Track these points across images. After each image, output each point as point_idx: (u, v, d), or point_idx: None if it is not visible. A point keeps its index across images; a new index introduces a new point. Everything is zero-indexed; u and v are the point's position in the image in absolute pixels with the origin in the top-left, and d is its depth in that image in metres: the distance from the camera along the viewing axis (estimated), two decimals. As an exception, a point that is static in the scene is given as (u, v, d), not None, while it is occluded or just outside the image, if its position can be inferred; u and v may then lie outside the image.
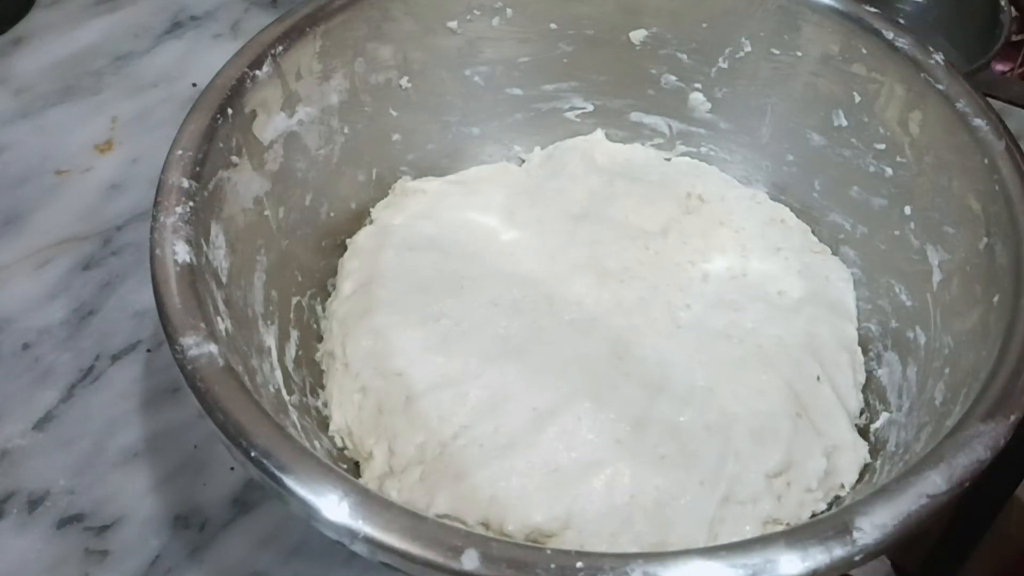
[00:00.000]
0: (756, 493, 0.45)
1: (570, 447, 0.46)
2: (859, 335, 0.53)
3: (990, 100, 0.49)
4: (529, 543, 0.41)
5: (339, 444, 0.49)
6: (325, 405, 0.50)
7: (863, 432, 0.49)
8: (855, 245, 0.55)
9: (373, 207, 0.58)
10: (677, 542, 0.43)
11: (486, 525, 0.44)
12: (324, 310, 0.54)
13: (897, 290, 0.51)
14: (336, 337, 0.52)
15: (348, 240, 0.56)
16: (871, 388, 0.52)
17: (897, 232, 0.51)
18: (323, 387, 0.51)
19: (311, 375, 0.51)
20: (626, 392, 0.48)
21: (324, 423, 0.50)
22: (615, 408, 0.47)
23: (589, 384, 0.48)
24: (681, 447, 0.46)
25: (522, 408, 0.47)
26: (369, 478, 0.47)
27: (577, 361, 0.49)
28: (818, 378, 0.50)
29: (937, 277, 0.48)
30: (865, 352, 0.53)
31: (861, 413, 0.51)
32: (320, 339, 0.53)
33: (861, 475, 0.48)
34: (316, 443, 0.46)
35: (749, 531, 0.44)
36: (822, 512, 0.47)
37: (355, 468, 0.49)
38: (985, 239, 0.45)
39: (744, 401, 0.48)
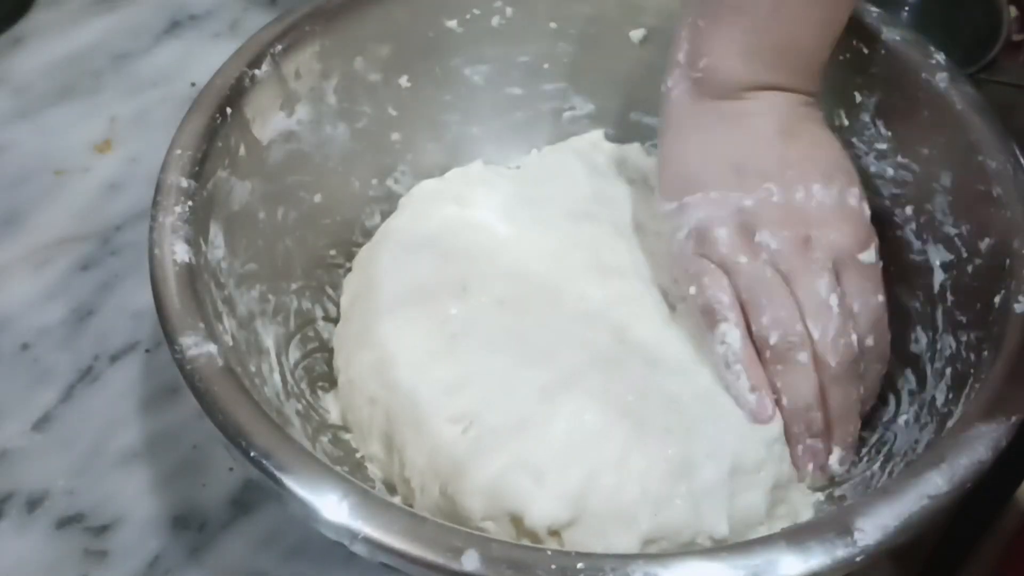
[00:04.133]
0: (759, 461, 0.45)
1: (578, 421, 0.46)
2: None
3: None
4: (528, 544, 0.41)
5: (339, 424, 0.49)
6: (326, 410, 0.50)
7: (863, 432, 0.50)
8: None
9: (373, 210, 0.57)
10: (696, 521, 0.43)
11: (513, 519, 0.44)
12: (324, 311, 0.54)
13: (898, 291, 0.51)
14: (340, 351, 0.52)
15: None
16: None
17: (898, 232, 0.51)
18: (323, 388, 0.51)
19: (310, 375, 0.51)
20: (628, 367, 0.48)
21: (324, 424, 0.49)
22: (619, 382, 0.47)
23: (592, 362, 0.48)
24: (683, 419, 0.46)
25: (530, 389, 0.47)
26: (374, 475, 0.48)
27: (580, 345, 0.49)
28: None
29: (938, 277, 0.48)
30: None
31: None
32: (320, 342, 0.53)
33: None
34: (316, 444, 0.46)
35: (760, 501, 0.45)
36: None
37: (355, 469, 0.49)
38: (986, 239, 0.45)
39: None
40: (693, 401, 0.47)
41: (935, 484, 0.36)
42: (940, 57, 0.50)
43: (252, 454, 0.36)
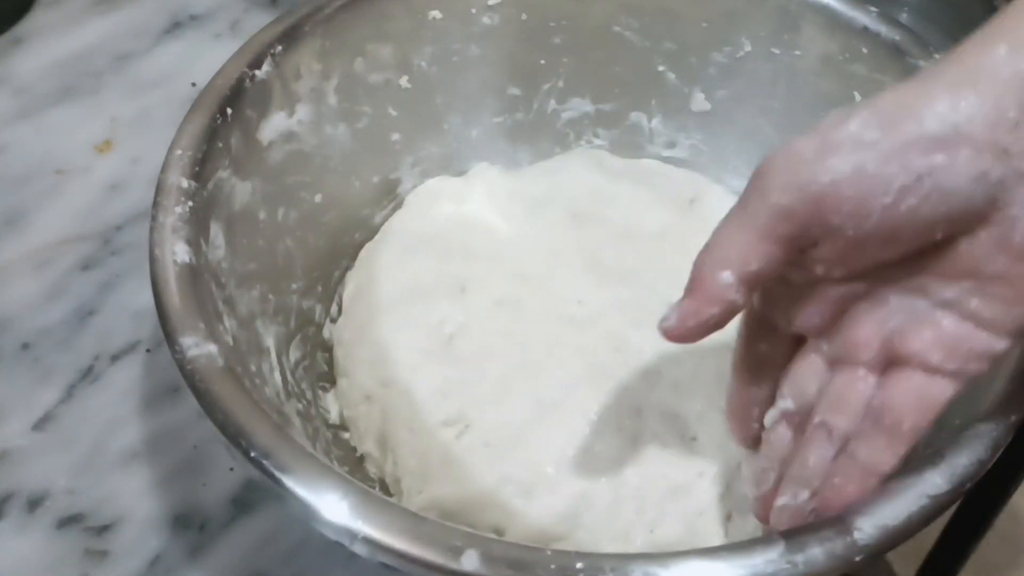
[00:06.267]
0: None
1: (575, 438, 0.46)
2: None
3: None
4: (529, 544, 0.41)
5: (339, 424, 0.49)
6: (326, 410, 0.51)
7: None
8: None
9: (373, 210, 0.57)
10: (690, 539, 0.43)
11: (497, 531, 0.44)
12: (324, 311, 0.54)
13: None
14: (339, 347, 0.52)
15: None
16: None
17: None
18: (323, 388, 0.51)
19: (310, 375, 0.51)
20: (625, 382, 0.48)
21: (324, 423, 0.50)
22: (615, 397, 0.47)
23: (590, 375, 0.48)
24: (680, 437, 0.46)
25: (527, 401, 0.47)
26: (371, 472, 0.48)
27: (578, 354, 0.49)
28: None
29: (938, 277, 0.48)
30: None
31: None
32: (320, 341, 0.53)
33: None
34: (316, 444, 0.46)
35: (757, 523, 0.45)
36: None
37: (355, 469, 0.49)
38: (986, 239, 0.45)
39: None
40: (690, 417, 0.47)
41: (935, 483, 0.36)
42: (940, 57, 0.50)
43: (252, 454, 0.36)
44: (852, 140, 0.32)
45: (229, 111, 0.47)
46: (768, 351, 0.39)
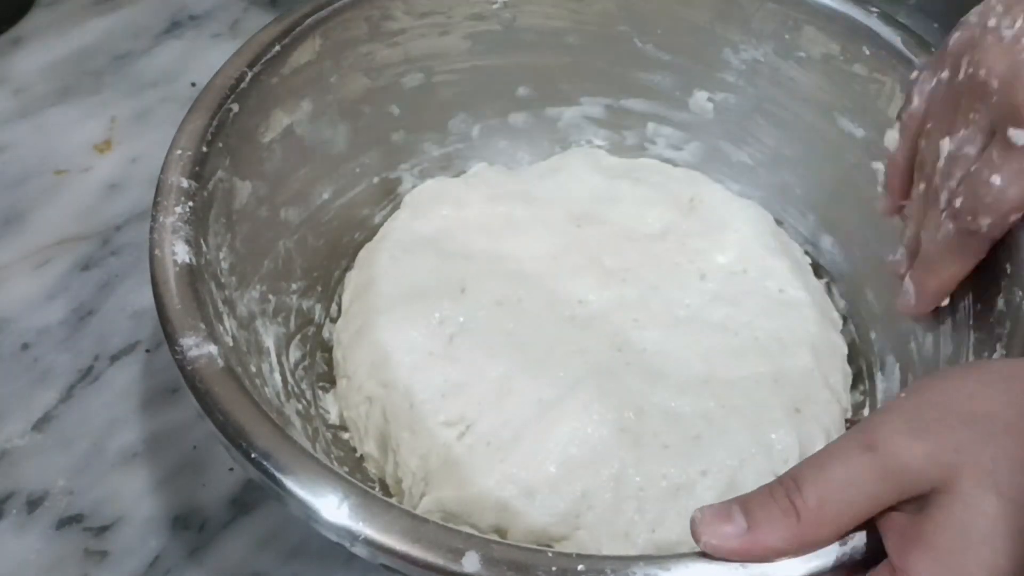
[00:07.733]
0: (760, 484, 0.45)
1: (576, 437, 0.46)
2: (859, 342, 0.53)
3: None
4: (530, 545, 0.41)
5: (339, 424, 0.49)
6: (326, 410, 0.50)
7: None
8: (857, 247, 0.55)
9: (373, 210, 0.57)
10: (691, 539, 0.43)
11: (499, 531, 0.44)
12: (324, 311, 0.54)
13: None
14: (338, 348, 0.52)
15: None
16: (871, 395, 0.51)
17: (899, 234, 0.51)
18: (323, 388, 0.51)
19: (310, 375, 0.51)
20: (626, 381, 0.48)
21: (324, 424, 0.49)
22: (617, 396, 0.47)
23: (591, 374, 0.48)
24: (682, 436, 0.46)
25: (528, 400, 0.47)
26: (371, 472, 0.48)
27: (579, 354, 0.49)
28: (813, 373, 0.50)
29: (938, 278, 0.48)
30: (866, 359, 0.53)
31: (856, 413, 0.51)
32: (320, 342, 0.53)
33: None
34: (316, 444, 0.46)
35: None
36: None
37: (355, 470, 0.49)
38: (986, 239, 0.45)
39: (742, 392, 0.48)
40: (692, 416, 0.47)
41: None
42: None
43: (252, 455, 0.36)
44: None
45: (229, 111, 0.47)
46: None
